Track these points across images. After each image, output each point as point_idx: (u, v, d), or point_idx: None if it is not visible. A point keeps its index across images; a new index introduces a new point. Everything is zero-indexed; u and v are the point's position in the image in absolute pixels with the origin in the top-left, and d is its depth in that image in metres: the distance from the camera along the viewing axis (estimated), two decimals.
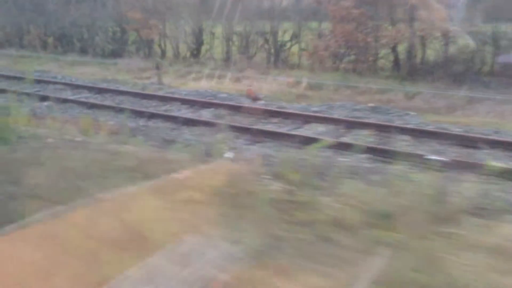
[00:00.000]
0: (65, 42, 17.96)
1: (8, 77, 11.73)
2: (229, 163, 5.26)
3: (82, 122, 7.00)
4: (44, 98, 9.25)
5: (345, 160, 5.69)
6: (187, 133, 7.19)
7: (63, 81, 11.19)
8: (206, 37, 15.85)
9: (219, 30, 15.72)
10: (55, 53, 17.26)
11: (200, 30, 15.76)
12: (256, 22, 15.05)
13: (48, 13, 17.30)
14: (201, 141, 6.72)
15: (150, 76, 13.18)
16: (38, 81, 10.86)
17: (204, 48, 15.93)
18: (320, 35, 14.08)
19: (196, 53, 15.92)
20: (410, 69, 12.33)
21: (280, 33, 14.72)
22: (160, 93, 10.19)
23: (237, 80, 12.39)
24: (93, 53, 16.88)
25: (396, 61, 12.55)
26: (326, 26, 13.97)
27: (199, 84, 11.83)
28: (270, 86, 11.06)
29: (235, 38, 15.46)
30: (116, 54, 16.66)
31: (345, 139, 6.69)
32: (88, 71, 13.84)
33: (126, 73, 13.61)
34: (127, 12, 15.26)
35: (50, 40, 18.08)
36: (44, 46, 18.01)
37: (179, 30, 15.73)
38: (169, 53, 16.20)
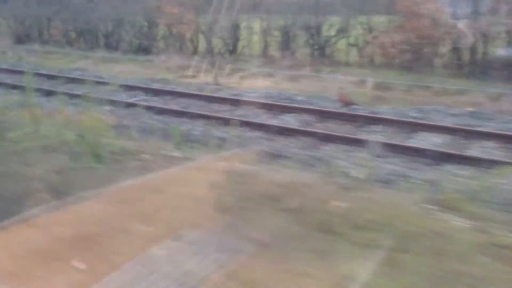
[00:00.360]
0: (89, 38, 16.95)
1: (50, 77, 10.86)
2: (371, 186, 4.52)
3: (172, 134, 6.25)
4: (101, 102, 8.35)
5: (503, 181, 4.94)
6: (289, 145, 6.39)
7: (111, 81, 10.27)
8: (243, 32, 14.97)
9: (257, 24, 14.85)
10: (80, 49, 16.26)
11: (237, 25, 14.87)
12: (298, 16, 14.19)
13: (72, 6, 16.26)
14: (315, 156, 5.94)
15: (195, 75, 12.31)
16: (81, 81, 9.95)
17: (241, 43, 15.06)
18: (371, 30, 13.28)
19: (232, 49, 15.05)
20: (471, 67, 11.62)
21: (324, 28, 13.88)
22: (224, 94, 9.35)
23: (292, 78, 11.55)
24: (121, 49, 15.90)
25: (459, 58, 11.82)
26: (378, 20, 13.18)
27: (254, 83, 10.97)
28: (333, 86, 10.23)
29: (275, 33, 14.59)
30: (144, 50, 15.73)
31: (474, 153, 5.95)
32: (126, 69, 12.91)
33: (167, 71, 12.71)
34: (164, 6, 14.29)
35: (73, 35, 17.05)
36: (69, 41, 16.98)
37: (215, 24, 14.82)
38: (201, 49, 15.30)
